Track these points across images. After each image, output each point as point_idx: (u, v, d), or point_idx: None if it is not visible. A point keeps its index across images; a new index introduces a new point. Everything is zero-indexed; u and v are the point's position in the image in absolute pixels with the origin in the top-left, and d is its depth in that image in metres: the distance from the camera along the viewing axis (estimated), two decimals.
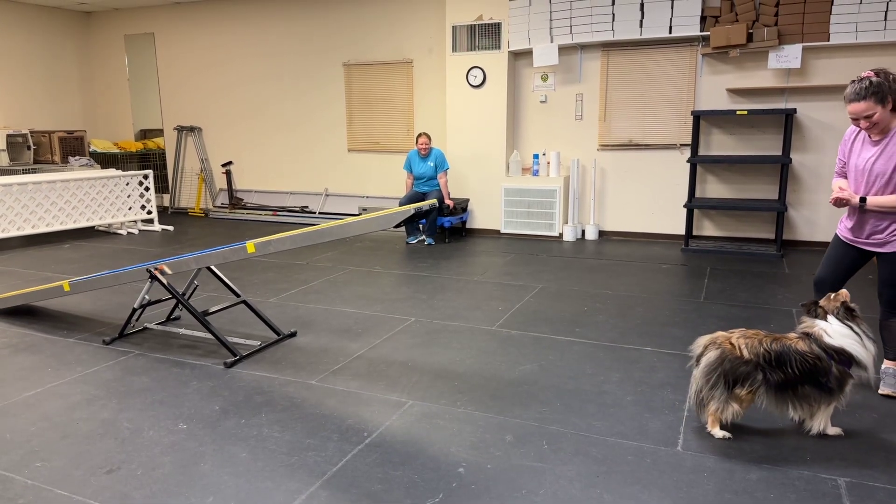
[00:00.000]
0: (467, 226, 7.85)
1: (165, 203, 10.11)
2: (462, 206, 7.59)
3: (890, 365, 3.19)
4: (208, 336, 3.93)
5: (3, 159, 8.89)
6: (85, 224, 7.62)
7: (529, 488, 2.43)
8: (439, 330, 4.26)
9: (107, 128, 10.49)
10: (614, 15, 6.70)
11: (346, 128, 8.66)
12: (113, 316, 4.65)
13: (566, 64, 7.25)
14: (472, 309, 4.71)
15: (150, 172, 8.23)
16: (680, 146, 6.96)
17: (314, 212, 8.90)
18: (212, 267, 4.06)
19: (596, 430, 2.88)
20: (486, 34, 7.32)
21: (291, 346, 3.99)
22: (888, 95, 2.85)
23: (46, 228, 7.29)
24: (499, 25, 7.25)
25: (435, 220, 7.17)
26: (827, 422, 2.74)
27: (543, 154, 7.36)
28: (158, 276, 3.92)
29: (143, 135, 10.30)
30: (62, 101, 10.04)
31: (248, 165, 9.46)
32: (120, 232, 8.13)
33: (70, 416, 3.07)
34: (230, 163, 9.48)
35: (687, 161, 6.81)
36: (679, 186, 7.02)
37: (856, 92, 2.89)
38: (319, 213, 8.85)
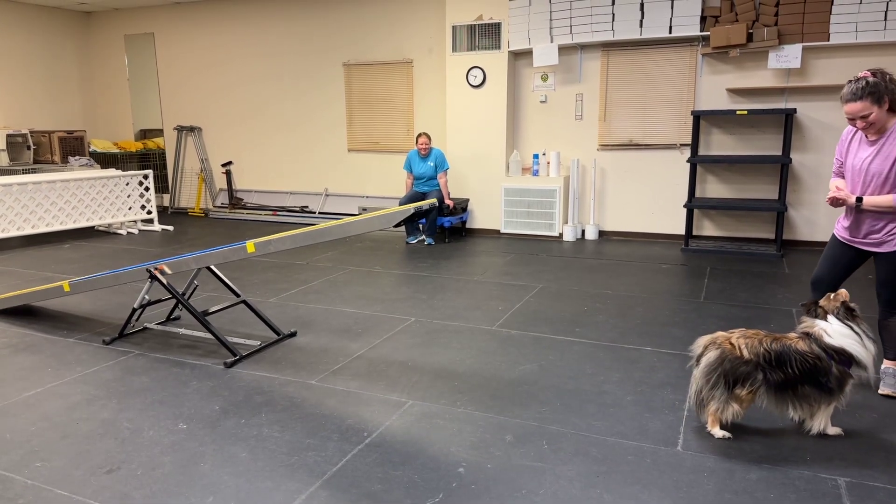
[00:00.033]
0: (467, 226, 7.85)
1: (165, 203, 10.11)
2: (462, 206, 7.59)
3: (890, 365, 3.19)
4: (208, 336, 3.93)
5: (3, 159, 8.89)
6: (85, 224, 7.62)
7: (529, 488, 2.43)
8: (439, 330, 4.26)
9: (107, 128, 10.49)
10: (614, 15, 6.70)
11: (346, 128, 8.66)
12: (113, 316, 4.66)
13: (566, 64, 7.25)
14: (472, 309, 4.71)
15: (149, 172, 8.23)
16: (680, 146, 6.97)
17: (314, 212, 8.90)
18: (212, 267, 4.06)
19: (596, 430, 2.88)
20: (486, 34, 7.32)
21: (291, 346, 3.99)
22: (885, 95, 2.85)
23: (46, 228, 7.29)
24: (499, 25, 7.25)
25: (435, 220, 7.17)
26: (827, 422, 2.74)
27: (543, 154, 7.36)
28: (158, 276, 3.93)
29: (143, 135, 10.31)
30: (62, 101, 10.04)
31: (248, 165, 9.46)
32: (120, 232, 8.13)
33: (70, 416, 3.07)
34: (230, 163, 9.48)
35: (687, 161, 6.81)
36: (679, 186, 7.02)
37: (852, 92, 2.89)
38: (319, 213, 8.85)
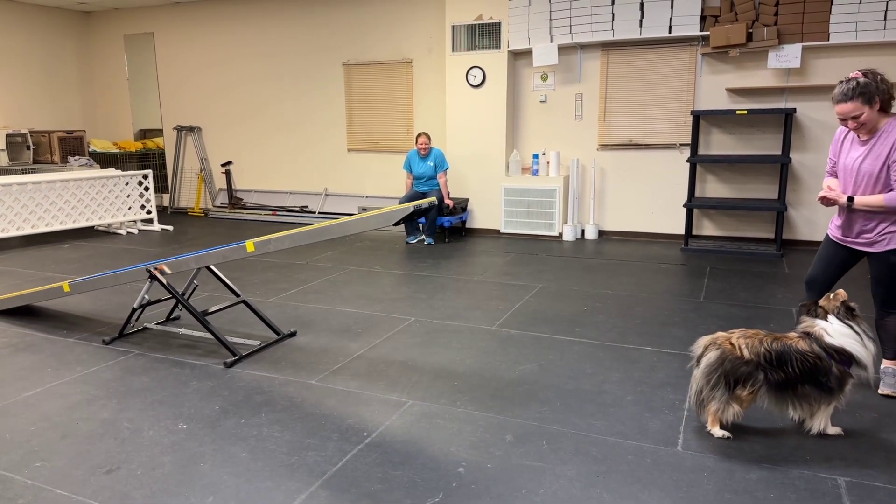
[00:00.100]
0: (467, 225, 7.85)
1: (165, 203, 10.11)
2: (462, 206, 7.59)
3: (889, 364, 3.19)
4: (208, 336, 3.93)
5: (3, 159, 8.88)
6: (84, 224, 7.62)
7: (529, 488, 2.43)
8: (439, 330, 4.26)
9: (106, 128, 10.49)
10: (614, 14, 6.70)
11: (346, 128, 8.66)
12: (113, 316, 4.65)
13: (566, 63, 7.25)
14: (472, 309, 4.71)
15: (149, 172, 8.23)
16: (680, 146, 6.96)
17: (314, 211, 8.90)
18: (211, 267, 4.06)
19: (596, 429, 2.88)
20: (486, 34, 7.32)
21: (291, 346, 3.99)
22: (875, 96, 2.85)
23: (46, 228, 7.29)
24: (498, 25, 7.25)
25: (435, 219, 7.17)
26: (827, 421, 2.74)
27: (543, 154, 7.36)
28: (158, 275, 3.92)
29: (143, 134, 10.30)
30: (62, 100, 10.03)
31: (248, 165, 9.46)
32: (119, 232, 8.13)
33: (70, 416, 3.07)
34: (230, 162, 9.48)
35: (687, 161, 6.81)
36: (679, 186, 7.02)
37: (843, 93, 2.89)
38: (319, 212, 8.85)
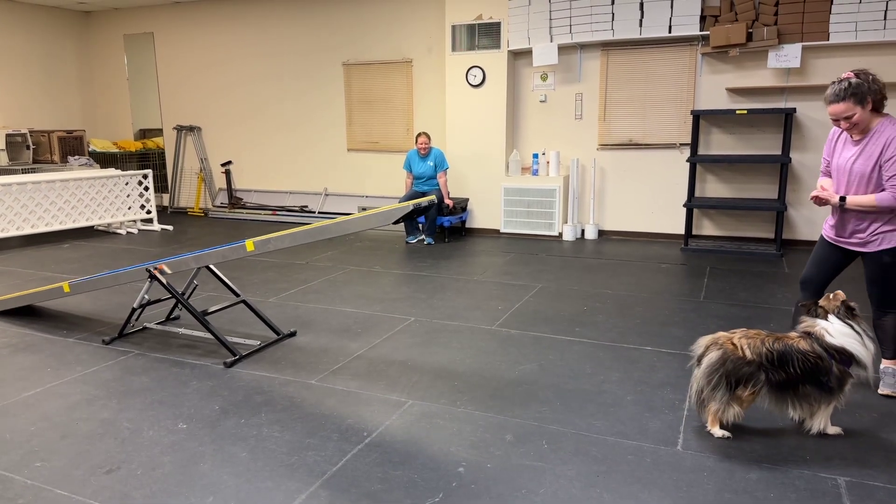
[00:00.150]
0: (467, 225, 7.85)
1: (165, 203, 10.11)
2: (462, 206, 7.59)
3: (889, 364, 3.19)
4: (208, 336, 3.93)
5: (3, 159, 8.88)
6: (84, 224, 7.61)
7: (529, 488, 2.43)
8: (439, 329, 4.26)
9: (106, 127, 10.49)
10: (614, 14, 6.70)
11: (346, 127, 8.66)
12: (112, 316, 4.65)
13: (566, 63, 7.25)
14: (472, 308, 4.71)
15: (149, 172, 8.23)
16: (679, 146, 6.96)
17: (314, 211, 8.90)
18: (211, 266, 4.06)
19: (596, 429, 2.88)
20: (486, 34, 7.32)
21: (291, 346, 3.98)
22: (867, 96, 2.86)
23: (46, 228, 7.29)
24: (498, 25, 7.25)
25: (434, 219, 7.17)
26: (827, 421, 2.74)
27: (543, 153, 7.36)
28: (158, 275, 3.92)
29: (143, 134, 10.30)
30: (61, 100, 10.03)
31: (248, 165, 9.46)
32: (119, 232, 8.12)
33: (70, 416, 3.07)
34: (230, 162, 9.48)
35: (686, 160, 6.81)
36: (679, 186, 7.02)
37: (835, 93, 2.90)
38: (319, 212, 8.85)
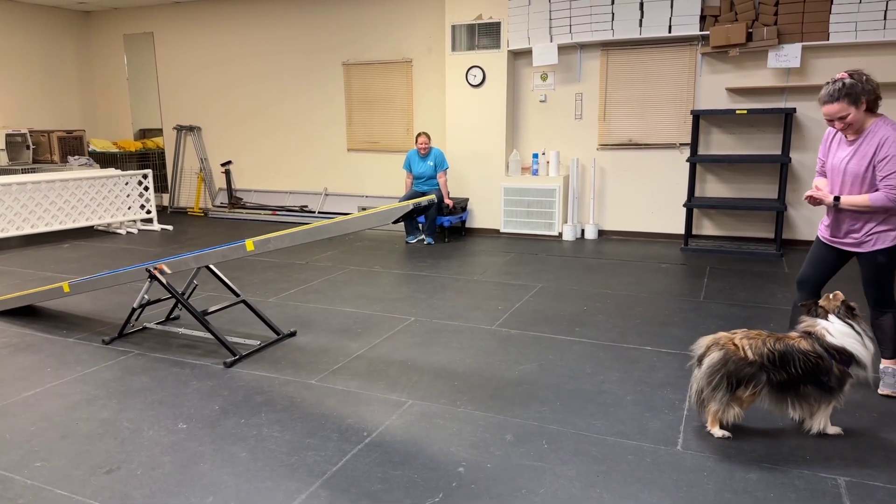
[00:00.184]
0: (467, 225, 7.84)
1: (165, 203, 10.10)
2: (461, 206, 7.59)
3: (888, 364, 3.19)
4: (208, 336, 3.93)
5: (3, 159, 8.88)
6: (84, 224, 7.61)
7: (529, 488, 2.43)
8: (439, 329, 4.26)
9: (106, 127, 10.48)
10: (614, 14, 6.70)
11: (346, 127, 8.66)
12: (112, 315, 4.65)
13: (565, 63, 7.25)
14: (472, 308, 4.71)
15: (149, 172, 8.23)
16: (679, 145, 6.96)
17: (313, 211, 8.90)
18: (211, 266, 4.06)
19: (596, 429, 2.88)
20: (486, 33, 7.31)
21: (291, 346, 3.98)
22: (861, 96, 2.86)
23: (46, 228, 7.28)
24: (498, 25, 7.25)
25: (434, 219, 7.17)
26: (827, 421, 2.74)
27: (543, 153, 7.36)
28: (158, 275, 3.92)
29: (143, 134, 10.30)
30: (61, 100, 10.03)
31: (248, 165, 9.46)
32: (119, 231, 8.12)
33: (70, 416, 3.07)
34: (229, 162, 9.48)
35: (686, 160, 6.81)
36: (678, 186, 7.02)
37: (829, 94, 2.90)
38: (319, 212, 8.85)
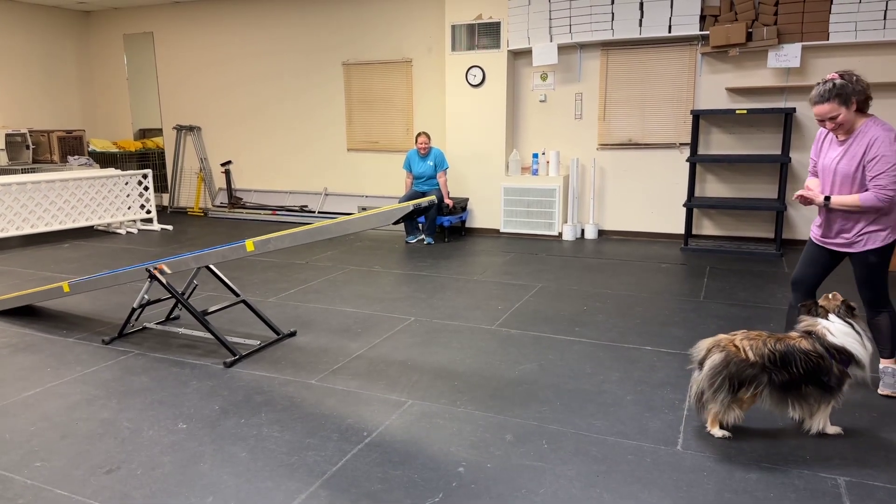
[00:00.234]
0: (467, 225, 7.84)
1: (164, 202, 10.10)
2: (461, 206, 7.59)
3: (888, 364, 3.19)
4: (208, 336, 3.93)
5: (2, 159, 8.87)
6: (84, 224, 7.61)
7: (529, 488, 2.43)
8: (439, 329, 4.26)
9: (106, 127, 10.48)
10: (613, 14, 6.70)
11: (346, 127, 8.66)
12: (112, 315, 4.65)
13: (565, 63, 7.25)
14: (472, 308, 4.71)
15: (149, 172, 8.22)
16: (679, 145, 6.96)
17: (313, 211, 8.90)
18: (211, 266, 4.06)
19: (596, 429, 2.88)
20: (486, 33, 7.31)
21: (291, 346, 3.99)
22: (852, 97, 2.87)
23: (45, 228, 7.28)
24: (498, 25, 7.25)
25: (434, 219, 7.17)
26: (826, 421, 2.74)
27: (543, 153, 7.36)
28: (158, 275, 3.92)
29: (143, 134, 10.30)
30: (61, 100, 10.03)
31: (248, 165, 9.46)
32: (119, 231, 8.12)
33: (70, 416, 3.07)
34: (229, 162, 9.48)
35: (686, 160, 6.81)
36: (678, 186, 7.02)
37: (820, 94, 2.91)
38: (319, 212, 8.85)
